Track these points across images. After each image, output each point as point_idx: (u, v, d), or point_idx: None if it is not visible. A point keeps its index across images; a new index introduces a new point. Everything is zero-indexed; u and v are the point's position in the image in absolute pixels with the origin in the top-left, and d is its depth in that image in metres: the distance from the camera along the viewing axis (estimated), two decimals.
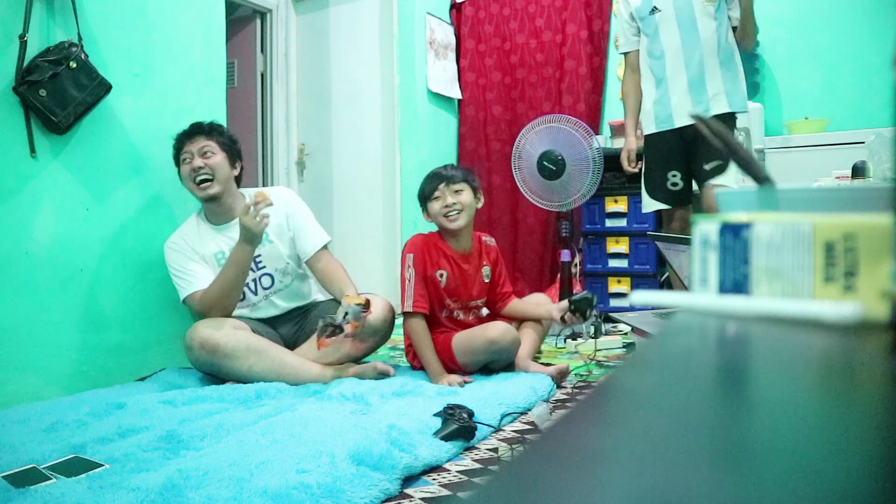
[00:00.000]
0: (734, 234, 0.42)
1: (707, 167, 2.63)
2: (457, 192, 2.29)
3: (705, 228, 0.44)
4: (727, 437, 0.22)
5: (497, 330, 2.21)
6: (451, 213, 2.27)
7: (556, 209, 3.44)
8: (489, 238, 2.50)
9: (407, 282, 2.24)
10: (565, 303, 2.35)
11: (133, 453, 1.45)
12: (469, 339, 2.24)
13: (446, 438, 1.56)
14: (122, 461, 1.41)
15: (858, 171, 2.10)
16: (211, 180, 2.25)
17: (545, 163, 3.31)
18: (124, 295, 2.36)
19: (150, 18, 2.48)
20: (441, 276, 2.30)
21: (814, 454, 0.20)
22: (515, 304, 2.48)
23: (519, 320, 2.46)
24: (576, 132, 3.26)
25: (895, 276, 0.34)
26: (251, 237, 2.11)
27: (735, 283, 0.42)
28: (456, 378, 2.14)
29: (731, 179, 2.55)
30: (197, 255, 2.28)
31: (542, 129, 3.36)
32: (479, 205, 2.39)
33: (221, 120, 2.80)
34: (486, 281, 2.41)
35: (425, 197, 2.32)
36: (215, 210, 2.32)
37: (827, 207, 0.45)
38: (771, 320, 0.39)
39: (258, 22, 4.10)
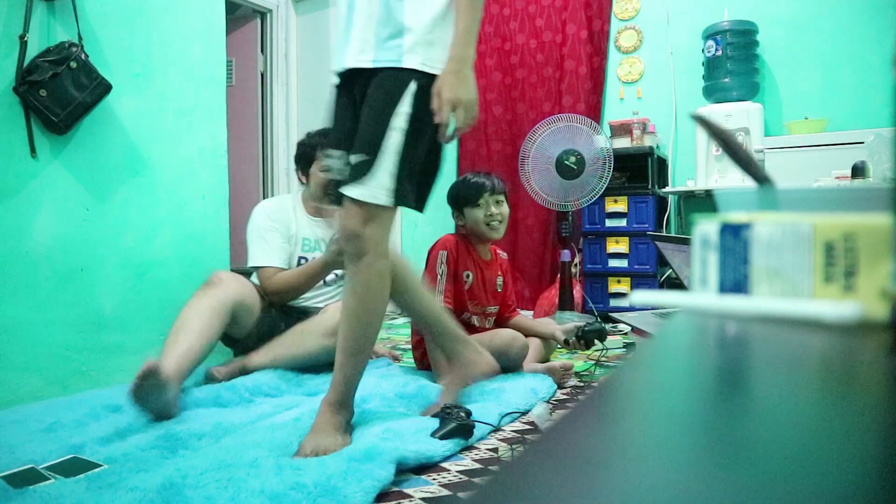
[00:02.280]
0: (734, 234, 0.42)
1: (352, 159, 1.49)
2: (498, 202, 2.36)
3: (705, 228, 0.44)
4: (727, 438, 0.22)
5: (504, 338, 2.23)
6: (493, 223, 2.34)
7: (568, 209, 3.45)
8: (502, 252, 2.57)
9: (438, 277, 2.27)
10: (573, 326, 2.38)
11: (132, 453, 1.45)
12: None
13: (444, 437, 1.56)
14: (120, 461, 1.41)
15: (858, 171, 2.10)
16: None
17: (566, 162, 3.32)
18: (124, 295, 2.36)
19: (150, 18, 2.48)
20: (467, 276, 2.34)
21: (813, 454, 0.20)
22: (521, 319, 2.52)
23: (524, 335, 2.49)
24: (591, 132, 3.29)
25: (895, 276, 0.34)
26: (337, 265, 2.26)
27: (735, 283, 0.42)
28: None
29: (367, 193, 1.45)
30: (285, 231, 2.38)
31: (556, 128, 3.37)
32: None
33: (221, 120, 2.80)
34: (500, 291, 2.45)
35: (465, 201, 2.36)
36: (321, 210, 2.47)
37: (827, 207, 0.45)
38: (771, 320, 0.39)
39: (258, 22, 4.10)
